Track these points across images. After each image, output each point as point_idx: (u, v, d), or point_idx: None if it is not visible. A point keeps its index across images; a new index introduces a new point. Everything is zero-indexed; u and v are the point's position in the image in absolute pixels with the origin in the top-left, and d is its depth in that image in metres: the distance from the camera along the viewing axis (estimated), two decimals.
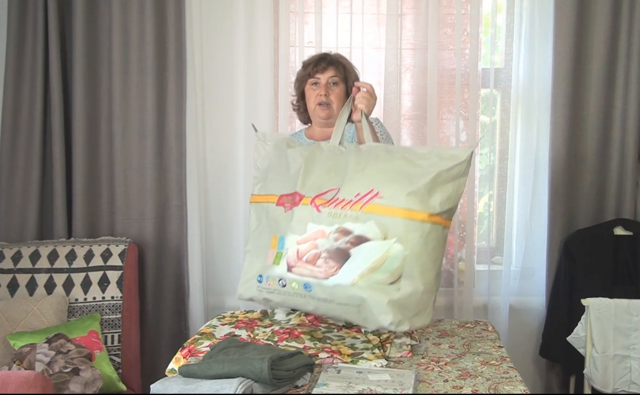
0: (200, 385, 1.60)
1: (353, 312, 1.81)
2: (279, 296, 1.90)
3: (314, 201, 1.90)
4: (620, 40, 2.82)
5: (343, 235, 1.82)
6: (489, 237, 3.04)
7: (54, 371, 2.17)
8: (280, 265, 1.89)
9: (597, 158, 2.87)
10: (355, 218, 1.82)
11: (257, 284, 1.94)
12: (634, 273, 2.73)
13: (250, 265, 2.01)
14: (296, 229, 1.89)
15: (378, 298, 1.77)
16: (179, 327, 2.98)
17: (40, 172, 2.84)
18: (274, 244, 1.94)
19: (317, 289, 1.83)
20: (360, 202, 1.84)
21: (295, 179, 1.98)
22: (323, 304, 1.84)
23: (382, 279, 1.77)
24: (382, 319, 1.76)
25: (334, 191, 1.90)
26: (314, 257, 1.84)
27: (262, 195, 2.07)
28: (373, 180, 1.86)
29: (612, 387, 2.52)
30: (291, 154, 2.04)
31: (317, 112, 2.31)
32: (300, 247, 1.87)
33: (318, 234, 1.85)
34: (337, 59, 2.35)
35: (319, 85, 2.30)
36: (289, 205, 1.94)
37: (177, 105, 2.89)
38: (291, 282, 1.87)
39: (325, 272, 1.82)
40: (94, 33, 2.86)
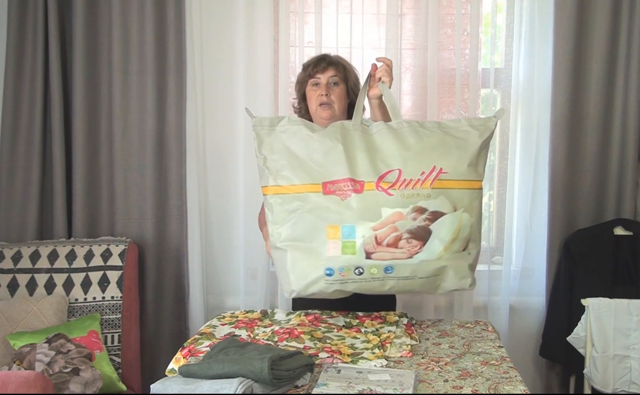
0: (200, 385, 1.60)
1: (430, 282, 1.95)
2: (354, 284, 1.92)
3: (379, 185, 1.90)
4: (620, 40, 2.82)
5: (420, 213, 1.89)
6: (489, 237, 3.04)
7: (54, 371, 2.17)
8: (357, 255, 1.88)
9: (597, 158, 2.87)
10: (427, 196, 1.90)
11: (325, 277, 1.90)
12: (634, 273, 2.73)
13: (300, 262, 1.93)
14: (367, 215, 1.88)
15: (459, 265, 1.95)
16: (179, 327, 2.98)
17: (40, 172, 2.84)
18: (334, 234, 1.89)
19: (399, 268, 1.90)
20: (428, 179, 1.92)
21: (339, 164, 1.92)
22: (402, 282, 1.93)
23: (458, 248, 1.93)
24: (464, 282, 1.97)
25: (394, 172, 1.91)
26: (396, 240, 1.88)
27: (291, 186, 1.94)
28: (431, 157, 1.94)
29: (612, 387, 2.52)
30: (318, 138, 1.96)
31: (318, 113, 2.29)
32: (379, 232, 1.88)
33: (395, 217, 1.88)
34: (336, 59, 2.34)
35: (320, 86, 2.28)
36: (346, 193, 1.90)
37: (177, 105, 2.89)
38: (370, 268, 1.89)
39: (409, 252, 1.89)
40: (94, 33, 2.86)
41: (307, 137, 1.97)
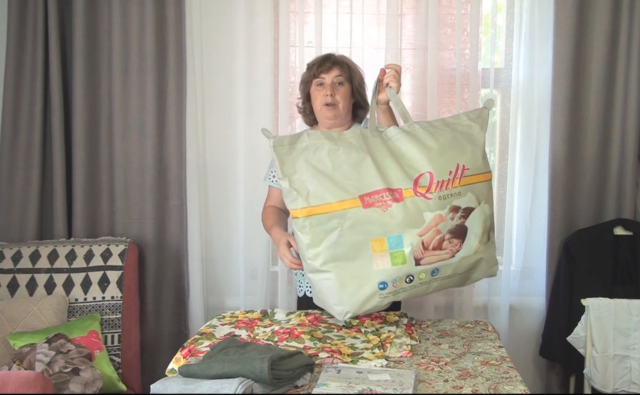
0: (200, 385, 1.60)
1: (464, 277, 2.01)
2: (404, 293, 1.94)
3: (417, 191, 1.92)
4: (620, 40, 2.82)
5: (455, 212, 1.94)
6: None
7: (54, 371, 2.17)
8: (407, 263, 1.89)
9: (597, 158, 2.87)
10: (458, 194, 1.95)
11: (379, 292, 1.89)
12: (634, 273, 2.73)
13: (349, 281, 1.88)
14: (412, 222, 1.89)
15: (491, 254, 2.05)
16: (179, 327, 2.98)
17: (40, 172, 2.84)
18: (380, 247, 1.88)
19: (443, 269, 1.94)
20: (456, 178, 1.96)
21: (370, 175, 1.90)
22: (444, 281, 1.97)
23: (486, 239, 2.02)
24: (493, 270, 2.06)
25: (426, 175, 1.94)
26: (439, 242, 1.92)
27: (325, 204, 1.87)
28: (453, 156, 1.98)
29: (612, 387, 2.52)
30: (343, 150, 1.93)
31: (323, 113, 2.28)
32: (425, 237, 1.90)
33: (437, 219, 1.91)
34: (341, 59, 2.33)
35: (325, 86, 2.27)
36: (387, 203, 1.88)
37: (177, 105, 2.89)
38: (419, 274, 1.91)
39: (451, 251, 1.93)
40: (94, 33, 2.86)
41: (331, 151, 1.92)
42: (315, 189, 1.88)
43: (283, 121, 2.91)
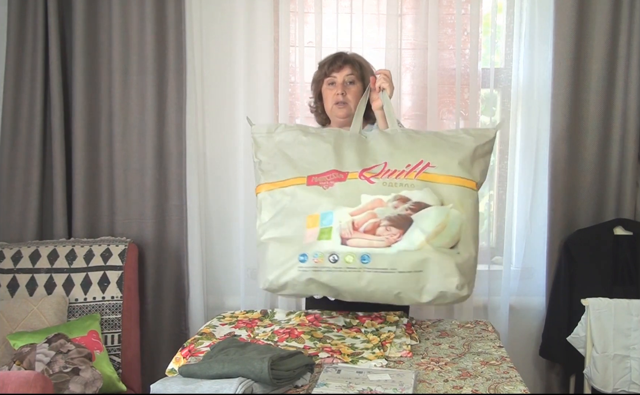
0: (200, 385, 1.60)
1: (412, 280, 1.82)
2: (328, 274, 1.84)
3: (362, 174, 1.89)
4: (620, 40, 2.82)
5: (402, 203, 1.85)
6: (489, 237, 3.04)
7: (54, 371, 2.17)
8: (332, 240, 1.83)
9: (597, 158, 2.87)
10: (410, 186, 1.87)
11: (299, 263, 1.85)
12: (634, 273, 2.73)
13: (278, 252, 1.91)
14: (346, 201, 1.86)
15: (445, 260, 1.82)
16: (179, 327, 2.98)
17: (40, 172, 2.84)
18: (313, 222, 1.87)
19: (376, 259, 1.81)
20: (413, 171, 1.89)
21: (327, 160, 1.94)
22: (381, 275, 1.82)
23: (444, 244, 1.83)
24: (449, 282, 1.82)
25: (381, 165, 1.90)
26: (374, 226, 1.83)
27: (278, 181, 1.97)
28: (420, 152, 1.92)
29: (612, 387, 2.52)
30: (311, 140, 1.99)
31: (334, 112, 2.28)
32: (356, 218, 1.84)
33: (375, 203, 1.85)
34: (353, 57, 2.32)
35: (336, 85, 2.27)
36: (329, 182, 1.90)
37: (177, 105, 2.89)
38: (345, 255, 1.83)
39: (388, 240, 1.82)
40: (94, 33, 2.86)
41: (301, 141, 1.99)
42: (276, 170, 1.98)
43: (283, 121, 2.91)
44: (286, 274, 1.88)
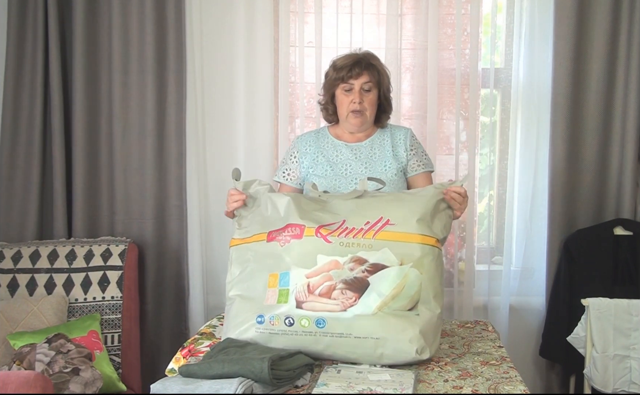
0: (200, 385, 1.60)
1: (370, 345, 1.78)
2: (284, 337, 1.80)
3: (319, 231, 1.84)
4: (620, 40, 2.82)
5: (359, 265, 1.80)
6: (489, 237, 3.04)
7: (54, 371, 2.17)
8: (288, 303, 1.80)
9: (597, 158, 2.87)
10: (369, 246, 1.81)
11: (256, 325, 1.83)
12: (634, 273, 2.73)
13: (240, 309, 1.88)
14: (302, 262, 1.82)
15: (403, 325, 1.77)
16: (179, 327, 2.97)
17: (40, 172, 2.84)
18: (274, 282, 1.84)
19: (332, 323, 1.77)
20: (372, 229, 1.83)
21: (287, 216, 1.92)
22: (337, 340, 1.78)
23: (402, 306, 1.78)
24: (408, 348, 1.76)
25: (338, 223, 1.86)
26: (329, 289, 1.78)
27: (244, 238, 1.98)
28: (380, 209, 1.87)
29: (612, 387, 2.52)
30: (274, 197, 2.00)
31: (349, 119, 2.25)
32: (312, 280, 1.80)
33: (331, 265, 1.80)
34: (370, 61, 2.26)
35: (353, 92, 2.22)
36: (286, 239, 1.87)
37: (177, 105, 2.89)
38: (300, 319, 1.78)
39: (343, 304, 1.77)
40: (94, 33, 2.86)
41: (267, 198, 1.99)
42: (248, 226, 1.98)
43: (283, 121, 2.92)
44: (245, 333, 1.86)
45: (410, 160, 2.31)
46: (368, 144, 2.31)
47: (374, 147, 2.30)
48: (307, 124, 2.95)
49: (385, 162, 2.27)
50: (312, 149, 2.33)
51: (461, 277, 2.97)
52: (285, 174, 2.37)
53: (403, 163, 2.30)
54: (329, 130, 2.38)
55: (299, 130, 2.90)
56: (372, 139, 2.32)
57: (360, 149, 2.30)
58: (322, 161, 2.30)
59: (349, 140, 2.32)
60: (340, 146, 2.31)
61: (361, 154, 2.29)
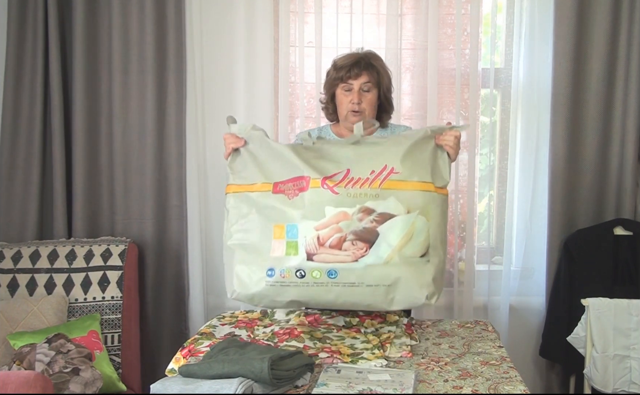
0: (200, 385, 1.60)
1: (380, 293, 1.82)
2: (295, 289, 1.84)
3: (325, 183, 1.85)
4: (620, 40, 2.82)
5: (367, 215, 1.83)
6: (489, 237, 3.04)
7: (54, 371, 2.17)
8: (298, 255, 1.83)
9: (597, 158, 2.87)
10: (375, 196, 1.84)
11: (266, 278, 1.85)
12: (634, 273, 2.73)
13: (246, 261, 1.91)
14: (311, 214, 1.84)
15: (414, 272, 1.82)
16: (179, 327, 2.98)
17: (40, 172, 2.84)
18: (280, 234, 1.86)
19: (344, 273, 1.81)
20: (377, 178, 1.85)
21: (289, 166, 1.92)
22: (348, 290, 1.82)
23: (412, 253, 1.82)
24: (419, 294, 1.82)
25: (342, 172, 1.87)
26: (339, 241, 1.82)
27: (246, 184, 1.97)
28: (383, 157, 1.88)
29: (612, 387, 2.52)
30: (272, 143, 2.01)
31: (349, 119, 2.25)
32: (321, 232, 1.83)
33: (340, 217, 1.83)
34: (370, 61, 2.26)
35: (352, 92, 2.23)
36: (294, 192, 1.88)
37: (177, 105, 2.89)
38: (312, 271, 1.82)
39: (354, 255, 1.81)
40: (94, 33, 2.86)
41: (266, 145, 1.98)
42: (244, 171, 1.97)
43: (283, 121, 2.92)
44: (254, 286, 1.88)
45: None
46: None
47: None
48: (307, 124, 2.95)
49: None
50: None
51: (461, 277, 2.97)
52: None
53: None
54: (331, 128, 2.38)
55: (299, 130, 2.90)
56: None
57: None
58: None
59: None
60: None
61: None
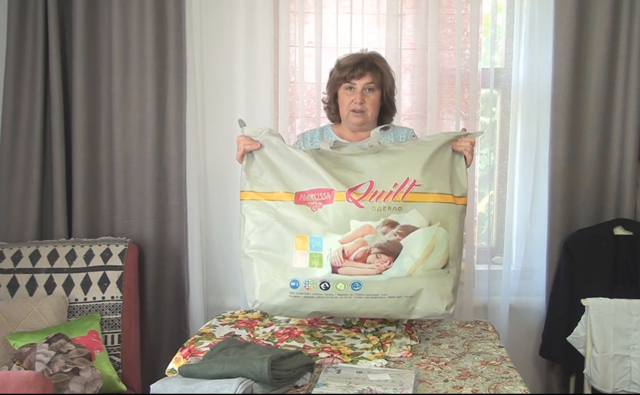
0: (200, 385, 1.60)
1: (402, 303, 1.87)
2: (319, 300, 1.87)
3: (350, 196, 1.87)
4: (620, 40, 2.82)
5: (390, 227, 1.86)
6: (489, 237, 3.04)
7: (54, 371, 2.17)
8: (323, 267, 1.85)
9: (597, 158, 2.87)
10: (398, 209, 1.87)
11: (290, 289, 1.87)
12: (634, 273, 2.73)
13: (265, 270, 1.90)
14: (336, 227, 1.86)
15: (436, 283, 1.86)
16: (179, 327, 2.98)
17: (40, 172, 2.84)
18: (302, 245, 1.88)
19: (368, 285, 1.84)
20: (400, 191, 1.88)
21: (314, 175, 1.91)
22: (371, 301, 1.86)
23: (434, 265, 1.86)
24: (440, 305, 1.88)
25: (366, 184, 1.89)
26: (364, 254, 1.85)
27: (264, 192, 1.96)
28: (405, 169, 1.91)
29: (612, 387, 2.52)
30: (292, 150, 1.99)
31: (350, 118, 2.25)
32: (347, 246, 1.85)
33: (365, 230, 1.85)
34: (374, 62, 2.26)
35: (354, 92, 2.22)
36: (318, 204, 1.88)
37: (177, 105, 2.89)
38: (337, 283, 1.85)
39: (378, 267, 1.85)
40: (94, 33, 2.86)
41: (284, 152, 1.97)
42: (261, 178, 1.96)
43: (283, 121, 2.92)
44: (277, 297, 1.89)
45: None
46: None
47: None
48: (307, 124, 2.95)
49: None
50: (316, 146, 2.33)
51: (461, 277, 2.96)
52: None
53: None
54: (332, 129, 2.38)
55: (299, 130, 2.90)
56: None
57: None
58: None
59: (352, 140, 2.32)
60: None
61: None
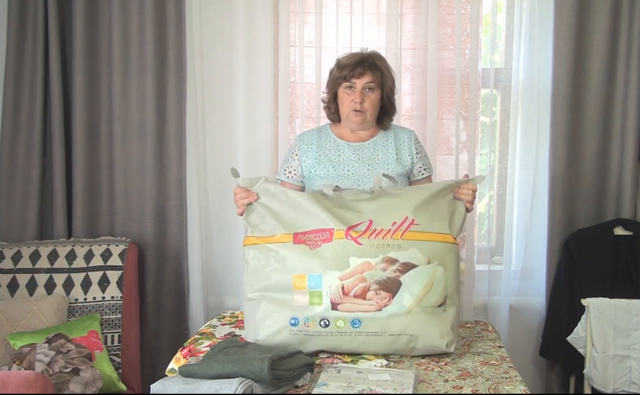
0: (200, 385, 1.60)
1: (402, 341, 1.87)
2: (319, 338, 1.87)
3: (349, 234, 1.88)
4: (620, 40, 2.82)
5: (390, 264, 1.86)
6: (489, 237, 3.04)
7: (54, 371, 2.17)
8: (322, 304, 1.85)
9: (597, 158, 2.87)
10: (397, 246, 1.88)
11: (289, 327, 1.87)
12: (634, 273, 2.73)
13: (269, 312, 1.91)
14: (335, 264, 1.87)
15: (434, 321, 1.87)
16: (179, 327, 2.98)
17: (40, 172, 2.84)
18: (301, 284, 1.88)
19: (367, 323, 1.85)
20: (399, 230, 1.89)
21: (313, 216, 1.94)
22: (370, 339, 1.86)
23: (432, 303, 1.87)
24: (440, 342, 1.88)
25: (365, 223, 1.90)
26: (363, 291, 1.85)
27: (263, 237, 1.98)
28: (404, 208, 1.93)
29: (612, 387, 2.52)
30: (291, 193, 2.03)
31: (350, 118, 2.25)
32: (346, 282, 1.85)
33: (364, 267, 1.86)
34: (374, 61, 2.26)
35: (354, 91, 2.22)
36: (316, 243, 1.90)
37: (177, 105, 2.89)
38: (336, 320, 1.85)
39: (378, 304, 1.85)
40: (94, 33, 2.86)
41: (282, 197, 2.00)
42: (262, 224, 1.98)
43: (282, 121, 2.91)
44: (277, 335, 1.89)
45: (416, 164, 2.32)
46: (371, 145, 2.30)
47: (377, 149, 2.29)
48: (307, 124, 2.95)
49: (388, 164, 2.27)
50: (314, 147, 2.32)
51: (461, 277, 2.95)
52: (287, 172, 2.37)
53: (407, 167, 2.30)
54: (331, 128, 2.38)
55: (299, 130, 2.90)
56: (375, 139, 2.31)
57: (363, 149, 2.30)
58: (324, 161, 2.29)
59: (352, 140, 2.32)
60: (342, 146, 2.31)
61: (364, 155, 2.29)
